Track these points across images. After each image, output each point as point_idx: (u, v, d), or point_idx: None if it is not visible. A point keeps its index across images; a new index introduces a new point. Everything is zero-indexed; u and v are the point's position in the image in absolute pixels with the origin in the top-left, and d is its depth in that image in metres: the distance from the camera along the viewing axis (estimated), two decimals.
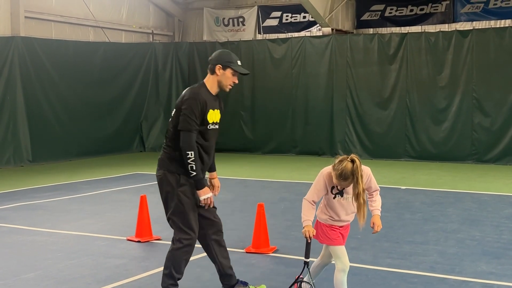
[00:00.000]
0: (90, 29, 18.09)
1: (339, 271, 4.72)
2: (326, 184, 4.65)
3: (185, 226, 5.02)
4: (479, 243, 7.35)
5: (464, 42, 15.98)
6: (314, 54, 17.80)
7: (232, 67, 5.09)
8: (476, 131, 15.95)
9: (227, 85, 5.13)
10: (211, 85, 5.11)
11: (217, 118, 5.15)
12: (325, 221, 4.77)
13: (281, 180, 13.00)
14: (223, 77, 5.09)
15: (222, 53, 5.17)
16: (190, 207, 5.02)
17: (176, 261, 5.10)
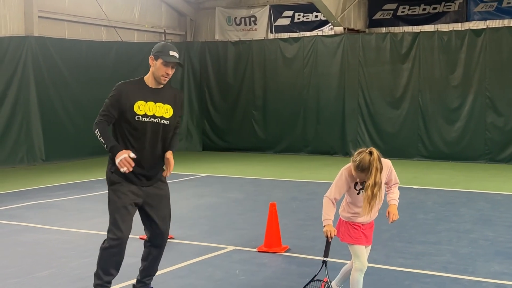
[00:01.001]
0: (103, 29, 18.17)
1: (357, 271, 4.69)
2: (347, 180, 4.59)
3: (113, 225, 4.84)
4: (492, 243, 7.32)
5: (477, 41, 15.89)
6: (326, 54, 17.77)
7: (162, 57, 4.87)
8: (489, 131, 15.86)
9: (159, 76, 4.90)
10: (148, 78, 4.98)
11: (158, 111, 4.90)
12: (348, 219, 4.72)
13: (293, 180, 12.99)
14: (155, 68, 4.91)
15: (156, 45, 5.03)
16: (120, 206, 4.82)
17: (103, 260, 4.93)
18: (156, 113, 4.87)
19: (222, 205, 10.02)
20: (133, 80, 5.00)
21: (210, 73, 19.63)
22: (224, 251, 7.00)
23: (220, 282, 5.84)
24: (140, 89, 4.89)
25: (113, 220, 4.83)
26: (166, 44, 5.02)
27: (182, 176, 13.42)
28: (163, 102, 4.93)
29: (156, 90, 4.94)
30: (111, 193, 4.89)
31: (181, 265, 6.41)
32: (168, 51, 4.90)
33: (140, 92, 4.87)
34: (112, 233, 4.83)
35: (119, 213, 4.82)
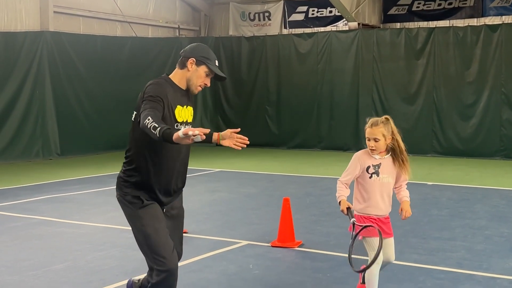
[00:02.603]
0: (118, 24, 18.25)
1: (374, 263, 4.67)
2: (359, 162, 4.66)
3: (156, 254, 4.00)
4: (507, 239, 7.28)
5: (493, 36, 15.76)
6: (340, 49, 17.71)
7: (209, 64, 4.10)
8: (504, 127, 15.74)
9: (196, 85, 4.12)
10: (179, 80, 4.13)
11: (189, 117, 4.18)
12: (361, 211, 4.71)
13: (306, 175, 12.99)
14: (195, 74, 4.09)
15: (199, 47, 4.19)
16: (156, 229, 4.03)
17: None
18: (188, 119, 4.18)
19: (235, 200, 10.05)
20: (161, 80, 4.13)
21: (224, 68, 19.63)
22: (237, 245, 7.02)
23: (234, 276, 5.86)
24: (176, 91, 4.10)
25: (154, 247, 3.99)
26: (209, 48, 4.25)
27: (196, 171, 13.46)
28: (190, 104, 4.23)
29: (185, 92, 4.17)
30: (141, 217, 4.05)
31: (195, 259, 6.44)
32: (215, 60, 4.17)
33: (177, 94, 4.09)
34: (158, 263, 3.98)
35: (159, 236, 4.01)
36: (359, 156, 4.69)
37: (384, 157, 4.67)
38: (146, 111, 3.79)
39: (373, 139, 4.62)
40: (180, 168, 4.23)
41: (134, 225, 4.11)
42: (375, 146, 4.61)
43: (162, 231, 4.04)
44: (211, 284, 5.62)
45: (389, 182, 4.68)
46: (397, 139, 4.68)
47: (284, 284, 5.63)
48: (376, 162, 4.64)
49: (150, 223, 4.02)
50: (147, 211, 4.05)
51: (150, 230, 4.01)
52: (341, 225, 7.95)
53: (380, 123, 4.64)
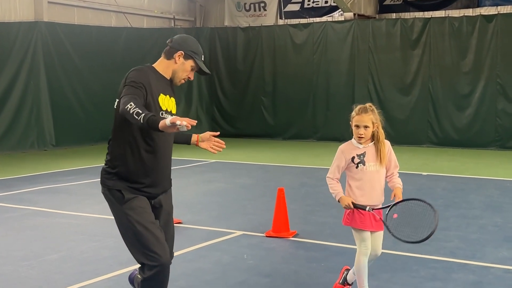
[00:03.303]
0: (112, 14, 18.17)
1: (362, 255, 4.66)
2: (343, 155, 4.64)
3: (147, 249, 3.87)
4: (501, 229, 7.30)
5: (489, 27, 15.75)
6: (336, 40, 17.69)
7: (196, 59, 4.05)
8: (499, 117, 15.76)
9: (181, 78, 4.08)
10: (164, 70, 4.06)
11: (172, 107, 4.07)
12: None
13: (302, 166, 13.00)
14: (181, 67, 4.04)
15: (189, 40, 4.09)
16: (146, 223, 3.90)
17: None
18: (172, 110, 4.09)
19: (230, 191, 10.05)
20: (145, 67, 4.07)
21: (219, 59, 19.60)
22: (232, 235, 7.03)
23: (228, 266, 5.86)
24: (159, 79, 4.02)
25: (144, 243, 3.87)
26: (197, 42, 4.18)
27: (191, 161, 13.45)
28: (173, 95, 4.15)
29: (168, 82, 4.10)
30: (127, 213, 3.92)
31: (189, 249, 6.45)
32: (201, 55, 4.12)
33: (160, 82, 4.02)
34: (151, 258, 3.87)
35: (149, 231, 3.89)
36: (343, 149, 4.68)
37: (368, 145, 4.64)
38: (127, 97, 3.69)
39: (363, 126, 4.58)
40: (165, 159, 4.09)
41: (121, 221, 3.98)
42: (365, 133, 4.58)
43: (151, 225, 3.92)
44: (206, 273, 5.63)
45: (377, 170, 4.62)
46: (379, 128, 4.64)
47: (278, 273, 5.63)
48: (360, 151, 4.62)
49: (138, 218, 3.89)
50: (133, 206, 3.92)
51: (139, 226, 3.88)
52: (336, 215, 7.96)
53: (369, 110, 4.61)
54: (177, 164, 13.17)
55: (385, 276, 5.50)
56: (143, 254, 3.90)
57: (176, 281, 5.40)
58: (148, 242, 3.87)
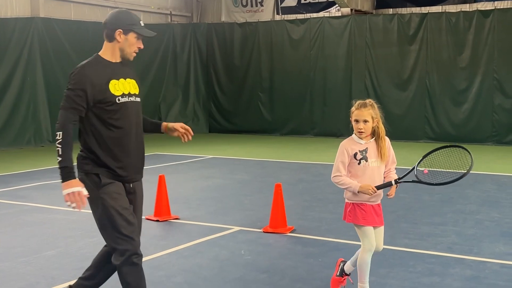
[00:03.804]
0: (109, 10, 18.08)
1: (366, 251, 4.64)
2: (346, 150, 4.61)
3: (120, 233, 3.94)
4: (497, 224, 7.32)
5: (486, 22, 15.76)
6: (333, 35, 17.68)
7: (136, 30, 4.07)
8: (496, 113, 15.79)
9: (131, 52, 4.10)
10: (111, 55, 4.08)
11: (132, 89, 4.09)
12: (353, 199, 4.64)
13: (299, 162, 13.00)
14: (126, 43, 4.06)
15: (120, 15, 4.11)
16: (119, 209, 3.96)
17: (131, 277, 4.02)
18: (131, 91, 4.09)
19: (228, 187, 10.05)
20: (91, 60, 4.07)
21: (216, 55, 19.59)
22: (229, 231, 7.04)
23: (226, 262, 5.87)
24: (105, 67, 4.03)
25: (117, 227, 3.94)
26: (130, 12, 4.23)
27: (188, 157, 13.45)
28: (129, 77, 4.15)
29: (118, 64, 4.10)
30: (102, 197, 3.96)
31: (186, 245, 6.45)
32: (139, 21, 4.15)
33: (107, 70, 4.01)
34: (122, 242, 3.95)
35: (122, 216, 3.96)
36: (345, 145, 4.65)
37: (370, 141, 4.64)
38: (63, 113, 3.90)
39: (362, 121, 4.58)
40: (137, 143, 4.14)
41: (96, 206, 4.02)
42: (364, 128, 4.58)
43: (125, 211, 3.99)
44: (203, 269, 5.63)
45: (378, 166, 4.64)
46: (379, 124, 4.65)
47: (276, 269, 5.64)
48: (362, 147, 4.62)
49: (113, 203, 3.95)
50: (109, 191, 3.97)
51: (113, 210, 3.94)
52: (333, 211, 7.98)
53: (369, 105, 4.62)
54: (174, 160, 13.20)
55: (382, 271, 5.51)
56: (115, 238, 3.96)
57: (174, 277, 5.41)
58: (120, 226, 3.94)
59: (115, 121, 3.97)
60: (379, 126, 4.64)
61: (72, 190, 3.81)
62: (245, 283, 5.28)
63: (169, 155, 13.76)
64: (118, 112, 3.98)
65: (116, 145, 4.00)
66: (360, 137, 4.62)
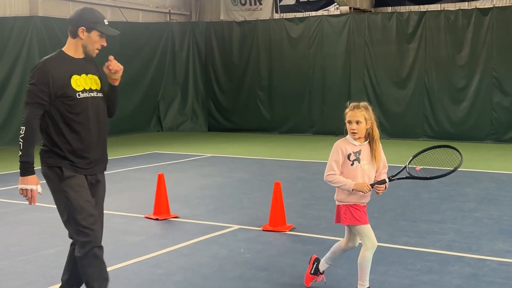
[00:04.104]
0: (108, 9, 18.11)
1: (368, 250, 4.66)
2: (341, 150, 4.64)
3: (81, 226, 4.08)
4: (496, 222, 7.33)
5: (484, 20, 15.77)
6: (332, 34, 17.69)
7: (99, 28, 4.16)
8: (495, 111, 15.80)
9: (94, 49, 4.21)
10: (75, 51, 4.19)
11: (93, 85, 4.21)
12: (345, 200, 4.68)
13: (298, 160, 13.01)
14: (89, 41, 4.16)
15: (84, 13, 4.19)
16: (81, 202, 4.08)
17: (91, 269, 4.16)
18: (92, 86, 4.20)
19: (227, 185, 10.06)
20: (53, 55, 4.17)
21: (215, 53, 19.59)
22: (229, 230, 7.04)
23: (225, 260, 5.88)
24: (68, 62, 4.14)
25: (79, 220, 4.07)
26: (95, 10, 4.29)
27: (187, 156, 13.45)
28: (91, 72, 4.26)
29: (80, 60, 4.22)
30: (65, 190, 4.08)
31: (186, 243, 6.46)
32: (103, 19, 4.22)
33: (69, 65, 4.12)
34: (84, 234, 4.09)
35: (84, 209, 4.08)
36: (340, 145, 4.67)
37: (364, 143, 4.68)
38: (26, 109, 4.00)
39: (355, 121, 4.61)
40: (99, 137, 4.24)
41: (59, 198, 4.14)
42: (357, 129, 4.60)
43: (86, 204, 4.11)
44: (203, 267, 5.64)
45: (369, 168, 4.69)
46: (373, 126, 4.67)
47: (275, 267, 5.65)
48: (356, 149, 4.65)
49: (75, 196, 4.07)
50: (71, 184, 4.08)
51: (75, 203, 4.07)
52: (332, 209, 7.93)
53: (362, 107, 4.65)
54: (173, 159, 13.19)
55: (381, 269, 5.52)
56: (77, 230, 4.10)
57: (174, 275, 5.41)
58: (82, 219, 4.07)
59: (75, 116, 4.08)
60: (374, 129, 4.67)
61: (26, 187, 4.03)
62: (245, 281, 5.29)
63: (168, 154, 13.76)
64: (79, 107, 4.08)
65: (77, 139, 4.11)
66: (354, 138, 4.65)
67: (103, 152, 4.30)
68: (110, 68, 4.24)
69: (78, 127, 4.10)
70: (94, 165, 4.22)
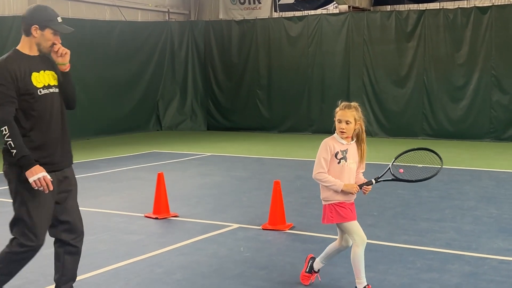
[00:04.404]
0: (106, 8, 18.10)
1: (358, 246, 4.69)
2: (329, 148, 4.69)
3: (28, 230, 4.11)
4: (496, 220, 7.33)
5: (483, 18, 15.77)
6: (331, 32, 17.68)
7: (52, 26, 4.17)
8: (494, 109, 15.80)
9: (47, 47, 4.17)
10: (29, 49, 4.16)
11: (51, 81, 4.20)
12: (330, 198, 4.73)
13: (297, 159, 13.01)
14: (42, 38, 4.14)
15: (37, 11, 4.19)
16: (36, 206, 4.11)
17: (10, 264, 4.21)
18: (50, 82, 4.20)
19: (226, 184, 10.05)
20: (14, 53, 4.15)
21: (214, 52, 19.58)
22: (228, 228, 7.04)
23: (225, 259, 5.88)
24: (25, 60, 4.13)
25: (28, 223, 4.11)
26: (48, 7, 4.29)
27: (187, 155, 13.45)
28: (48, 69, 4.24)
29: (36, 57, 4.20)
30: (22, 192, 4.12)
31: (185, 242, 6.45)
32: (56, 17, 4.24)
33: (27, 63, 4.11)
34: (28, 238, 4.11)
35: (37, 214, 4.12)
36: (328, 142, 4.73)
37: (350, 143, 4.74)
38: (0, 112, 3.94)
39: (344, 121, 4.68)
40: (61, 132, 4.25)
41: (15, 197, 4.18)
42: (346, 128, 4.67)
43: (41, 209, 4.13)
44: (202, 266, 5.64)
45: (354, 168, 4.78)
46: (362, 127, 4.73)
47: (275, 266, 5.65)
48: (343, 147, 4.71)
49: (31, 199, 4.10)
50: (29, 186, 4.05)
51: (30, 206, 4.10)
52: None
53: (353, 107, 4.72)
54: (172, 158, 13.19)
55: (382, 267, 5.52)
56: (22, 232, 4.13)
57: (173, 274, 5.41)
58: (32, 223, 4.11)
59: (36, 112, 4.09)
60: (362, 129, 4.71)
61: (37, 177, 3.96)
62: (244, 279, 5.29)
63: (167, 153, 13.75)
64: (40, 103, 4.09)
65: (38, 136, 4.12)
66: (342, 137, 4.70)
67: (67, 147, 4.33)
68: (56, 51, 4.21)
69: (40, 123, 4.11)
70: (59, 160, 4.24)
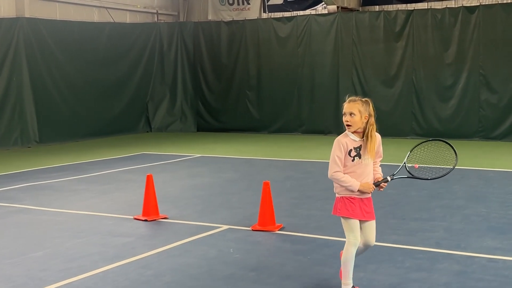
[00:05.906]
0: (95, 10, 18.03)
1: (351, 245, 4.65)
2: (343, 146, 4.62)
3: None
4: (484, 219, 7.36)
5: (471, 18, 15.84)
6: (320, 33, 17.70)
7: None
8: (483, 108, 15.88)
9: None
10: None
11: None
12: (343, 193, 4.68)
13: (287, 159, 13.01)
14: None
15: None
16: None
17: None
18: None
19: (216, 185, 10.03)
20: None
21: (203, 53, 19.55)
22: (218, 230, 7.02)
23: (214, 260, 5.86)
24: None
25: None
26: None
27: (176, 156, 13.41)
28: None
29: None
30: None
31: (175, 244, 6.43)
32: None
33: None
34: None
35: None
36: (340, 140, 4.65)
37: (363, 139, 4.67)
38: None
39: (349, 113, 4.60)
40: None
41: None
42: (351, 121, 4.59)
43: None
44: (192, 268, 5.62)
45: (370, 163, 4.70)
46: (371, 122, 4.62)
47: (264, 267, 5.64)
48: (356, 144, 4.64)
49: None
50: None
51: None
52: (322, 208, 8.00)
53: (358, 100, 4.65)
54: (161, 159, 13.16)
55: (371, 267, 5.52)
56: None
57: (163, 276, 5.39)
58: None
59: None
60: (369, 123, 4.62)
61: None
62: (234, 281, 5.27)
63: (156, 154, 13.72)
64: None
65: None
66: (349, 131, 4.64)
67: None
68: None
69: None
70: None
